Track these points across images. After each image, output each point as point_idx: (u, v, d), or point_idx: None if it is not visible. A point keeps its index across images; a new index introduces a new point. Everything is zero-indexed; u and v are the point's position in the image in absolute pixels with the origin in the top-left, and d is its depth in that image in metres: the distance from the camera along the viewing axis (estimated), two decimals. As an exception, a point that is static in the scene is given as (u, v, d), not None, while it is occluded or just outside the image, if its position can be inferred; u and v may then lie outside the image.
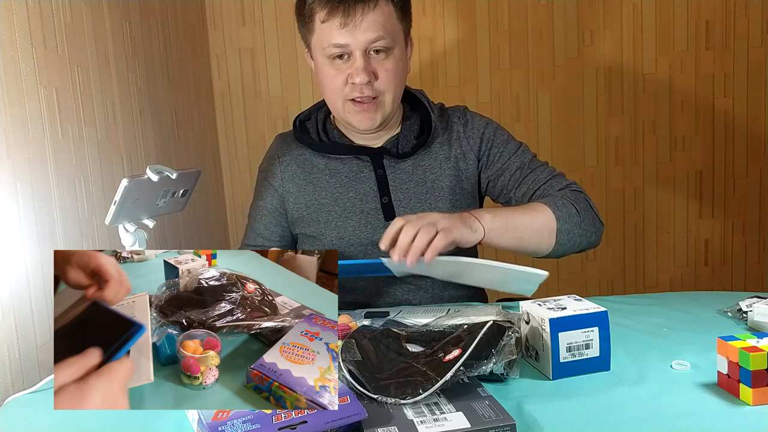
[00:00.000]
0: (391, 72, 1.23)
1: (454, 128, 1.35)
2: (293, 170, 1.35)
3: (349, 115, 1.26)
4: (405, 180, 1.31)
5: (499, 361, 0.84)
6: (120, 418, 0.82)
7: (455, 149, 1.33)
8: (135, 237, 0.99)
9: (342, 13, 1.17)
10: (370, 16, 1.18)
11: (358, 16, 1.17)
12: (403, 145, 1.32)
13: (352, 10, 1.17)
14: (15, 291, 1.03)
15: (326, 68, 1.23)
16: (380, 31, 1.19)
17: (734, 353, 0.79)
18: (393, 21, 1.22)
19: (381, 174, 1.30)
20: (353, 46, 1.19)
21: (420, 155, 1.32)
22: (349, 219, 1.30)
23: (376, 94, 1.23)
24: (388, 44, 1.21)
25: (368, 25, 1.18)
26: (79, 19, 1.30)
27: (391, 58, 1.22)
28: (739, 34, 2.26)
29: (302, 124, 1.38)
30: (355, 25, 1.17)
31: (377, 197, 1.30)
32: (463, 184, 1.33)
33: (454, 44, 2.24)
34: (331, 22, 1.18)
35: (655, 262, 2.39)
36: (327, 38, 1.20)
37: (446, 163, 1.32)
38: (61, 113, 1.21)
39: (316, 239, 1.33)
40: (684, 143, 2.33)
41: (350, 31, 1.18)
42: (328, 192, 1.32)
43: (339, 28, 1.18)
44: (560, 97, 2.29)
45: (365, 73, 1.20)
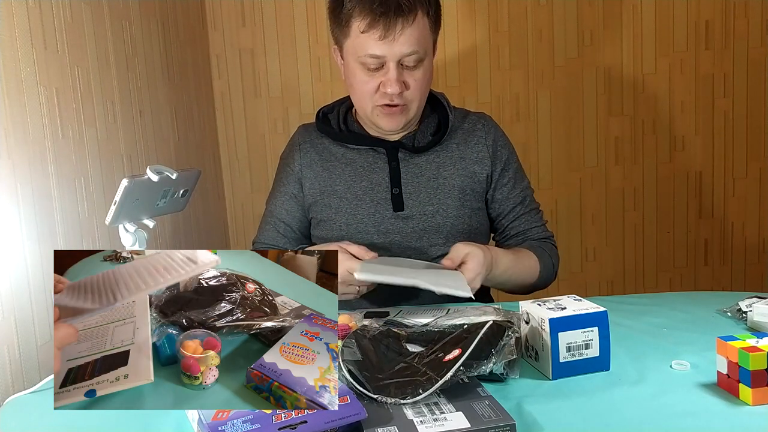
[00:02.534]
0: (420, 81, 1.28)
1: (477, 133, 1.40)
2: (312, 157, 1.40)
3: (376, 118, 1.32)
4: (417, 174, 1.36)
5: (498, 361, 0.84)
6: (120, 418, 0.82)
7: (473, 152, 1.38)
8: (135, 237, 0.99)
9: (382, 26, 1.21)
10: (409, 30, 1.22)
11: (398, 30, 1.21)
12: (419, 140, 1.37)
13: (393, 23, 1.20)
14: (15, 291, 1.03)
15: (358, 73, 1.28)
16: (415, 46, 1.23)
17: (734, 353, 0.79)
18: (427, 33, 1.26)
19: (394, 166, 1.35)
20: (389, 57, 1.23)
21: (436, 152, 1.37)
22: (359, 207, 1.35)
23: (405, 101, 1.28)
24: (420, 57, 1.25)
25: (406, 39, 1.22)
26: (79, 19, 1.30)
27: (421, 69, 1.27)
28: (738, 34, 2.26)
29: (325, 116, 1.43)
30: (393, 38, 1.21)
31: (388, 188, 1.35)
32: (474, 186, 1.38)
33: (454, 44, 2.24)
34: (371, 33, 1.22)
35: (655, 262, 2.39)
36: (364, 48, 1.24)
37: (461, 163, 1.37)
38: (61, 113, 1.21)
39: (326, 223, 1.37)
40: (684, 143, 2.33)
41: (388, 44, 1.22)
42: (342, 179, 1.37)
43: (377, 40, 1.22)
44: (560, 97, 2.29)
45: (398, 85, 1.25)
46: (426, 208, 1.34)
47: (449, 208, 1.35)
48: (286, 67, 2.24)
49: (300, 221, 1.42)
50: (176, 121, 1.85)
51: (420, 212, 1.34)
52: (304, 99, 2.25)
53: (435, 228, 1.34)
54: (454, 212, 1.35)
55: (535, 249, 1.37)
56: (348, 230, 1.35)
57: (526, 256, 1.34)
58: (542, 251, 1.37)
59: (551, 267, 1.39)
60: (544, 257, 1.37)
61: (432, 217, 1.34)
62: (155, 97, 1.70)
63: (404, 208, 1.34)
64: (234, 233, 2.32)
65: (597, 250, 2.37)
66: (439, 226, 1.34)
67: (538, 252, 1.36)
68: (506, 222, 1.42)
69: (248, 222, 2.30)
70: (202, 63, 2.14)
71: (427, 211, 1.34)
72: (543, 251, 1.38)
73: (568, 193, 2.33)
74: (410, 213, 1.34)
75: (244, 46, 2.23)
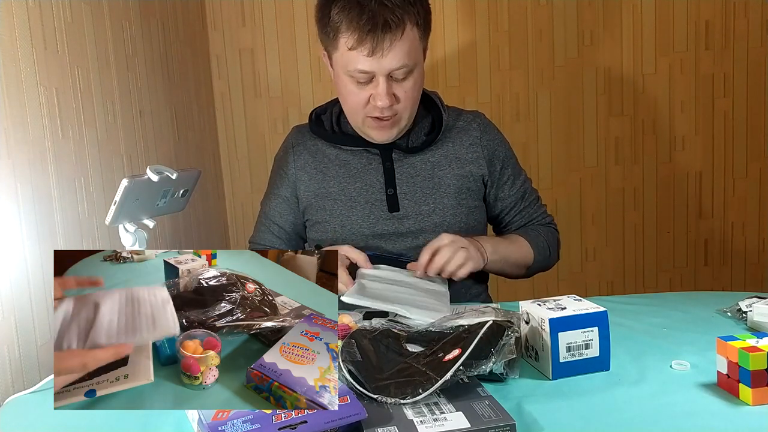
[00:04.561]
0: (410, 92, 1.27)
1: (472, 132, 1.39)
2: (305, 159, 1.40)
3: (367, 129, 1.31)
4: (412, 174, 1.35)
5: (498, 361, 0.84)
6: (120, 418, 0.82)
7: (468, 152, 1.38)
8: (135, 237, 1.00)
9: (370, 43, 1.18)
10: (398, 45, 1.20)
11: (386, 46, 1.19)
12: (413, 141, 1.37)
13: (381, 39, 1.18)
14: (15, 291, 1.03)
15: (348, 85, 1.26)
16: (405, 59, 1.22)
17: (734, 353, 0.79)
18: (416, 44, 1.24)
19: (389, 166, 1.35)
20: (378, 72, 1.22)
21: (430, 152, 1.37)
22: (353, 208, 1.34)
23: (395, 113, 1.27)
24: (410, 68, 1.24)
25: (395, 55, 1.20)
26: (79, 19, 1.30)
27: (411, 79, 1.26)
28: (738, 34, 2.26)
29: (318, 117, 1.42)
30: (382, 54, 1.19)
31: (383, 189, 1.34)
32: (470, 185, 1.37)
33: (453, 44, 2.24)
34: (359, 50, 1.20)
35: (655, 262, 2.39)
36: (352, 63, 1.22)
37: (456, 163, 1.37)
38: (61, 113, 1.21)
39: (321, 225, 1.37)
40: (684, 143, 2.33)
41: (377, 60, 1.20)
42: (336, 181, 1.36)
43: (366, 56, 1.20)
44: (560, 97, 2.29)
45: (388, 98, 1.23)
46: (422, 207, 1.34)
47: (445, 207, 1.34)
48: (286, 67, 2.24)
49: (293, 224, 1.42)
50: (176, 121, 1.85)
51: (416, 212, 1.34)
52: (304, 99, 2.25)
53: (431, 227, 1.33)
54: (450, 211, 1.34)
55: (524, 233, 1.40)
56: (343, 232, 1.34)
57: (514, 238, 1.38)
58: (534, 233, 1.40)
59: (544, 246, 1.40)
60: (533, 236, 1.39)
61: (428, 216, 1.34)
62: (155, 97, 1.70)
63: (399, 208, 1.34)
64: (234, 233, 2.32)
65: (597, 250, 2.37)
66: (436, 225, 1.33)
67: (534, 241, 1.39)
68: (509, 218, 1.44)
69: (248, 222, 2.29)
70: (202, 63, 2.15)
71: (423, 211, 1.34)
72: (534, 232, 1.41)
73: (568, 193, 2.33)
74: (406, 213, 1.34)
75: (244, 46, 2.23)
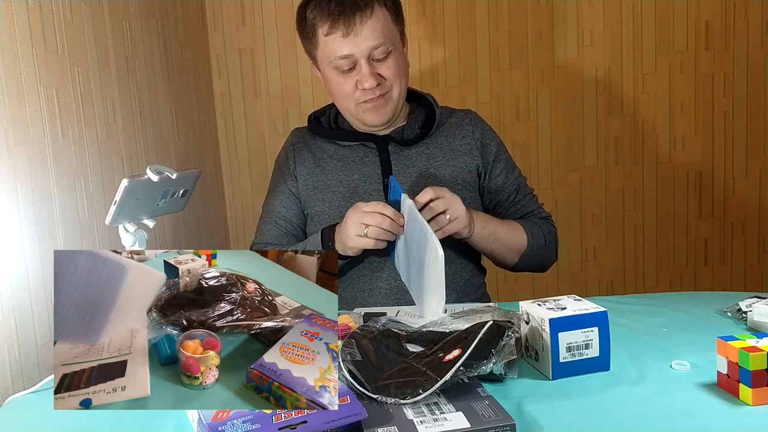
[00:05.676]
0: (393, 68, 1.32)
1: (465, 126, 1.44)
2: (305, 155, 1.44)
3: (362, 114, 1.35)
4: (408, 165, 1.39)
5: (498, 361, 0.84)
6: (120, 418, 0.82)
7: (461, 144, 1.42)
8: (135, 237, 1.00)
9: (343, 24, 1.26)
10: (369, 23, 1.27)
11: (357, 25, 1.26)
12: (407, 134, 1.40)
13: (352, 19, 1.26)
14: (15, 291, 1.03)
15: (335, 78, 1.33)
16: (380, 38, 1.28)
17: (734, 353, 0.79)
18: (389, 25, 1.31)
19: (385, 158, 1.39)
20: (357, 54, 1.28)
21: (425, 144, 1.41)
22: (352, 199, 1.36)
23: (385, 90, 1.33)
24: (388, 48, 1.30)
25: (369, 33, 1.27)
26: (79, 19, 1.30)
27: (391, 59, 1.32)
28: (738, 34, 2.26)
29: (317, 119, 1.48)
30: (356, 33, 1.26)
31: (380, 180, 1.38)
32: (465, 176, 1.40)
33: (453, 44, 2.24)
34: (335, 34, 1.27)
35: (655, 262, 2.39)
36: (332, 51, 1.29)
37: (450, 154, 1.40)
38: (61, 113, 1.21)
39: (320, 217, 1.40)
40: (684, 143, 2.33)
41: (353, 41, 1.27)
42: (335, 174, 1.40)
43: (342, 39, 1.27)
44: (560, 97, 2.28)
45: (373, 78, 1.29)
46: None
47: None
48: (286, 67, 2.24)
49: (299, 217, 1.44)
50: (176, 122, 1.85)
51: None
52: (304, 99, 2.24)
53: None
54: None
55: (519, 220, 1.40)
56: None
57: (508, 221, 1.38)
58: (530, 223, 1.40)
59: (539, 234, 1.39)
60: (529, 225, 1.39)
61: None
62: (155, 98, 1.70)
63: None
64: (234, 233, 2.32)
65: (597, 250, 2.37)
66: None
67: (529, 228, 1.38)
68: (503, 210, 1.45)
69: (248, 222, 2.30)
70: (202, 63, 2.14)
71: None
72: (531, 222, 1.40)
73: (568, 193, 2.33)
74: None
75: (244, 46, 2.23)
